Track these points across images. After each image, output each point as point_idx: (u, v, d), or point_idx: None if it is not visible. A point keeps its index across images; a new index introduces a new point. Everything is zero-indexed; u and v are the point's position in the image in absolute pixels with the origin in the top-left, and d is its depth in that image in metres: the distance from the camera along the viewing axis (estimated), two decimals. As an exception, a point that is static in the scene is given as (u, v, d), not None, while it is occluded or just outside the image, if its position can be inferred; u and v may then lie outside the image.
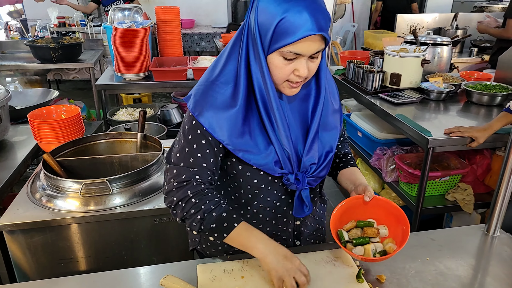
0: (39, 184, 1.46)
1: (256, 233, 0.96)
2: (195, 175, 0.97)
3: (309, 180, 1.02)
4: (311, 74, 0.93)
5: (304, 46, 0.86)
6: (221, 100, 0.94)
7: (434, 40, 2.57)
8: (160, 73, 2.84)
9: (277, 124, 0.94)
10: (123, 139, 1.76)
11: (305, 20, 0.83)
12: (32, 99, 2.48)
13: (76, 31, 4.17)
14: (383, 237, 0.98)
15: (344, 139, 1.24)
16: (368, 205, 0.99)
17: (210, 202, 0.96)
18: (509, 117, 1.73)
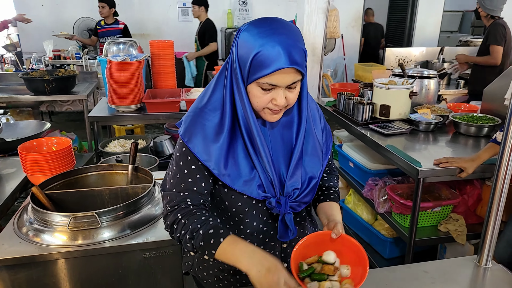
0: (26, 218, 1.43)
1: (241, 246, 0.96)
2: (186, 199, 1.01)
3: (293, 204, 1.05)
4: (290, 103, 0.98)
5: (279, 78, 0.92)
6: (209, 127, 1.00)
7: (421, 73, 2.65)
8: (153, 105, 2.86)
9: (258, 149, 0.99)
10: (114, 171, 1.75)
11: (278, 54, 0.89)
12: (23, 131, 2.48)
13: (71, 64, 4.23)
14: (344, 277, 0.96)
15: (331, 171, 1.25)
16: (335, 242, 0.99)
17: (197, 221, 0.98)
18: (496, 148, 1.77)
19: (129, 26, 6.33)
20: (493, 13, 3.53)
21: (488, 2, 3.50)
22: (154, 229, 1.43)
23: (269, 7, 6.80)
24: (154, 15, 6.41)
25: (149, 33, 6.44)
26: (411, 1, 7.00)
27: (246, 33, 0.93)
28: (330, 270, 0.95)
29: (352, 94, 2.77)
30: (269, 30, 0.91)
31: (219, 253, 0.95)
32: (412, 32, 7.10)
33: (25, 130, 2.45)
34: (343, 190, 3.02)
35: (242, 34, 0.94)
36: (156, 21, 6.45)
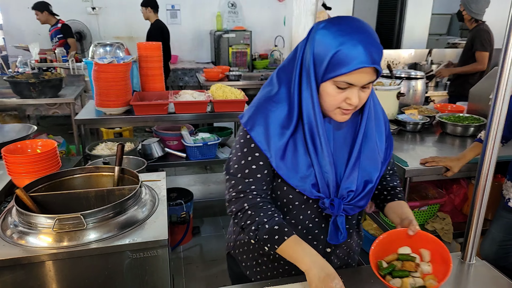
0: (10, 220, 1.41)
1: (305, 247, 0.99)
2: (251, 186, 1.06)
3: (346, 207, 1.04)
4: (361, 103, 0.99)
5: (357, 77, 0.92)
6: (273, 118, 1.02)
7: (408, 74, 2.68)
8: (141, 107, 2.84)
9: (322, 148, 1.00)
10: (100, 173, 1.73)
11: (359, 53, 0.89)
12: (8, 134, 2.43)
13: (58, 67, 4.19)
14: (426, 274, 0.95)
15: (393, 173, 1.26)
16: (412, 239, 0.98)
17: (264, 214, 1.03)
18: (481, 147, 1.79)
19: (117, 28, 6.32)
20: (478, 17, 3.59)
21: (474, 6, 3.55)
22: (141, 230, 1.42)
23: (259, 10, 6.83)
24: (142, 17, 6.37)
25: (137, 36, 6.40)
26: (400, 4, 7.09)
27: (325, 31, 0.93)
28: (411, 267, 0.94)
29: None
30: (349, 28, 0.91)
31: (282, 249, 0.99)
32: (401, 34, 7.18)
33: (10, 134, 2.41)
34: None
35: (320, 31, 0.94)
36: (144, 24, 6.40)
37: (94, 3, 6.04)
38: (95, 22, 6.11)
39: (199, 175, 3.94)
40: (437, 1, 6.89)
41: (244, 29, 6.42)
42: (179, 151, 3.09)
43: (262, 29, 6.85)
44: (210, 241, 3.05)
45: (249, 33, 6.28)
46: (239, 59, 6.14)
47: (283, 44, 7.04)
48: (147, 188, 1.68)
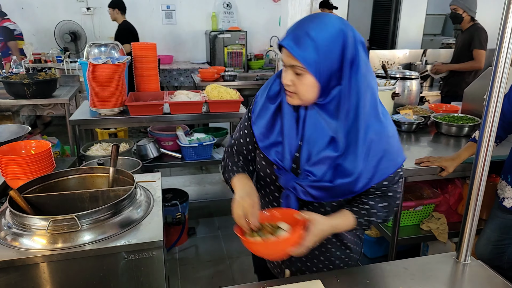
0: (4, 222, 1.39)
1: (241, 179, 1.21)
2: (233, 146, 1.35)
3: (298, 188, 1.10)
4: (296, 88, 1.04)
5: (283, 55, 1.03)
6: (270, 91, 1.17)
7: (403, 75, 2.70)
8: (136, 108, 2.83)
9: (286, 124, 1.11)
10: (94, 174, 1.72)
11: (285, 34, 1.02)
12: (2, 135, 2.41)
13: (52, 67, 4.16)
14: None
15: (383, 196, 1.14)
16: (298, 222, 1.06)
17: (231, 161, 1.30)
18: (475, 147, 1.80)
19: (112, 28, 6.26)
20: (475, 15, 3.61)
21: (474, 6, 3.57)
22: (136, 231, 1.41)
23: (254, 10, 6.83)
24: (137, 18, 6.35)
25: (133, 36, 6.39)
26: (394, 4, 7.12)
27: None
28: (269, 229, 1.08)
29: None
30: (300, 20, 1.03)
31: (232, 183, 1.23)
32: (396, 34, 7.21)
33: (4, 134, 2.39)
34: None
35: None
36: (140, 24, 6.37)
37: (89, 4, 6.02)
38: (90, 22, 6.08)
39: (195, 175, 3.93)
40: (432, 2, 6.92)
41: (239, 30, 6.42)
42: (175, 151, 3.08)
43: (257, 29, 6.85)
44: (206, 242, 3.04)
45: (245, 33, 6.28)
46: (235, 59, 6.14)
47: (278, 44, 7.07)
48: (142, 189, 1.67)
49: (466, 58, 3.63)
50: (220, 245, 2.97)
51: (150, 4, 6.37)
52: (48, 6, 5.84)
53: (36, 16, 5.84)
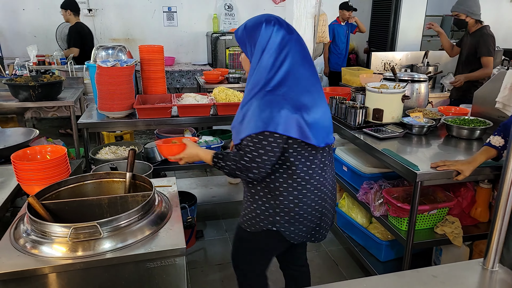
0: (22, 228, 1.38)
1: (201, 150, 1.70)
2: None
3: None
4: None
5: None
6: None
7: (411, 77, 2.69)
8: (144, 111, 2.82)
9: None
10: (110, 179, 1.70)
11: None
12: (10, 138, 2.39)
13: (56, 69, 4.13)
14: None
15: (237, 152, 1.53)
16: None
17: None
18: (490, 151, 1.80)
19: (114, 30, 6.26)
20: (480, 18, 3.59)
21: (476, 9, 3.55)
22: (156, 239, 1.40)
23: (255, 12, 6.79)
24: (139, 19, 6.33)
25: (134, 38, 6.37)
26: (394, 6, 7.13)
27: None
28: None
29: (344, 98, 2.79)
30: None
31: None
32: (396, 36, 7.23)
33: (12, 138, 2.37)
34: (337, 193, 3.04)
35: None
36: (141, 26, 6.37)
37: (91, 5, 5.98)
38: (91, 24, 6.04)
39: (200, 178, 3.91)
40: (429, 3, 6.93)
41: (241, 31, 6.39)
42: (182, 154, 3.06)
43: (258, 31, 6.83)
44: (214, 244, 3.03)
45: (246, 35, 6.26)
46: (236, 61, 6.13)
47: (279, 46, 7.06)
48: (160, 195, 1.65)
49: (474, 62, 3.61)
50: (229, 248, 2.96)
51: (151, 6, 6.35)
52: (49, 7, 5.80)
53: (37, 18, 5.79)
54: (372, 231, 2.45)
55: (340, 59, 6.12)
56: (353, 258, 2.79)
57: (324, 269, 2.69)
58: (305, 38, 3.95)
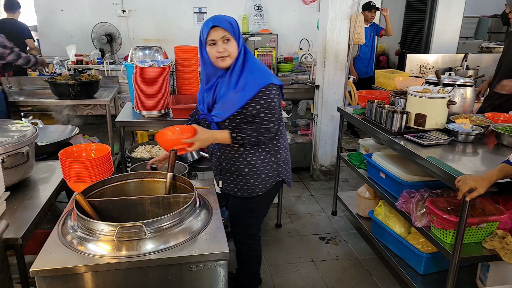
0: (70, 224, 1.39)
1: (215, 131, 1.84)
2: None
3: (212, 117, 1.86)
4: (230, 52, 1.73)
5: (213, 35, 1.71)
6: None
7: (456, 81, 2.58)
8: (179, 111, 2.83)
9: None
10: (151, 178, 1.70)
11: (206, 24, 1.73)
12: (52, 135, 2.45)
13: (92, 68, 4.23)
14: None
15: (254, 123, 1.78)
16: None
17: None
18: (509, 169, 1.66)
19: (146, 31, 6.36)
20: None
21: None
22: (198, 242, 1.37)
23: (284, 13, 6.79)
24: (170, 20, 6.42)
25: (165, 38, 6.46)
26: (429, 7, 6.92)
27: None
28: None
29: (382, 102, 2.71)
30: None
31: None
32: (430, 38, 7.01)
33: (54, 134, 2.43)
34: (371, 200, 2.95)
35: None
36: (172, 26, 6.45)
37: (124, 6, 6.10)
38: (125, 24, 6.18)
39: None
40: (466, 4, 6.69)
41: (270, 32, 6.39)
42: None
43: (287, 32, 6.81)
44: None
45: (275, 36, 6.24)
46: (265, 62, 6.11)
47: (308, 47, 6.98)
48: (200, 197, 1.64)
49: None
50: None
51: (182, 7, 6.42)
52: (86, 8, 5.97)
53: (74, 18, 5.96)
54: (411, 242, 2.35)
55: (364, 63, 5.57)
56: (388, 269, 2.70)
57: (358, 279, 2.62)
58: (340, 39, 3.88)
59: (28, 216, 1.53)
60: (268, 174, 1.91)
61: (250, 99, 1.74)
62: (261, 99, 1.75)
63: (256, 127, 1.78)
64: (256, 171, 1.89)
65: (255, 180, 1.90)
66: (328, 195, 3.79)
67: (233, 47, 1.73)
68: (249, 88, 1.74)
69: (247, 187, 1.92)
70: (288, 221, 3.33)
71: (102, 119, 5.65)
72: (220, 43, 1.70)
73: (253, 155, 1.87)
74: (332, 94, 3.98)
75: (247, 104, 1.76)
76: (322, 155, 4.13)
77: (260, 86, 1.73)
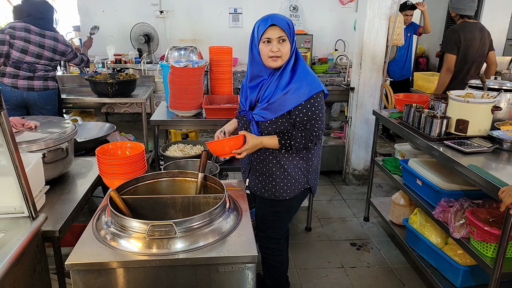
0: (104, 219, 1.43)
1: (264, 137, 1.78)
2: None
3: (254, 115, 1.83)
4: (283, 53, 1.70)
5: (270, 33, 1.68)
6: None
7: (502, 85, 2.44)
8: (212, 111, 2.85)
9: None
10: (183, 178, 1.72)
11: (265, 21, 1.69)
12: (90, 132, 2.54)
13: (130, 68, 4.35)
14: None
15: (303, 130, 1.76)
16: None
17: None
18: None
19: (182, 31, 6.48)
20: (462, 12, 3.34)
21: (455, 1, 3.32)
22: (227, 243, 1.37)
23: (321, 13, 6.70)
24: (205, 21, 6.49)
25: (200, 39, 6.54)
26: (474, 7, 6.60)
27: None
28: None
29: (421, 106, 2.60)
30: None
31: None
32: (474, 40, 6.68)
33: (92, 131, 2.52)
34: (406, 208, 2.85)
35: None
36: (207, 27, 6.53)
37: (162, 7, 6.24)
38: (162, 25, 6.31)
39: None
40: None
41: (305, 33, 6.31)
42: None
43: (322, 32, 6.72)
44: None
45: (310, 37, 6.17)
46: (299, 62, 6.04)
47: (344, 48, 6.85)
48: (230, 198, 1.64)
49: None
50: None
51: (218, 8, 6.48)
52: (126, 9, 6.15)
53: (115, 19, 6.17)
54: (448, 253, 2.24)
55: (399, 66, 5.14)
56: (422, 280, 2.59)
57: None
58: (378, 40, 3.77)
59: (65, 210, 1.59)
60: (297, 180, 1.89)
61: (300, 104, 1.71)
62: (313, 106, 1.72)
63: (306, 134, 1.76)
64: (287, 175, 1.86)
65: (284, 184, 1.88)
66: (361, 200, 3.70)
67: (287, 48, 1.69)
68: (301, 92, 1.71)
69: (275, 190, 1.89)
70: (318, 225, 3.27)
71: (138, 117, 5.81)
72: (275, 43, 1.67)
73: (287, 158, 1.84)
74: (368, 97, 3.88)
75: (295, 109, 1.73)
76: (356, 159, 4.04)
77: (312, 93, 1.71)
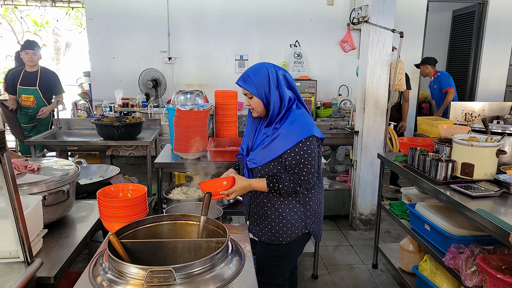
0: (101, 265, 1.38)
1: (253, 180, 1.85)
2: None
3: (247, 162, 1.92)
4: (254, 107, 1.85)
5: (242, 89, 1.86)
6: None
7: (505, 129, 2.44)
8: (217, 153, 2.86)
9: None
10: (185, 221, 1.68)
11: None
12: (94, 174, 2.54)
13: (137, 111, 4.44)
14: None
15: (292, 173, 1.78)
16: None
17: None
18: None
19: (189, 76, 6.68)
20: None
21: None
22: (230, 290, 1.32)
23: (324, 59, 6.90)
24: (212, 66, 6.70)
25: (207, 84, 6.72)
26: (473, 54, 6.80)
27: None
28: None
29: (426, 149, 2.59)
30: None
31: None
32: (475, 85, 6.81)
33: (96, 173, 2.52)
34: (415, 254, 2.75)
35: None
36: (214, 72, 6.72)
37: (171, 54, 6.48)
38: (170, 70, 6.52)
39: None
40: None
41: (309, 78, 6.48)
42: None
43: (326, 78, 6.89)
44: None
45: (314, 82, 6.32)
46: (304, 107, 6.14)
47: (347, 93, 6.98)
48: (232, 242, 1.59)
49: None
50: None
51: (225, 55, 6.71)
52: (135, 55, 6.39)
53: (124, 65, 6.39)
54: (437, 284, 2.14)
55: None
56: (435, 332, 2.44)
57: None
58: (379, 86, 3.85)
59: (62, 255, 1.55)
60: (294, 224, 1.88)
61: (289, 149, 1.77)
62: (301, 150, 1.76)
63: (294, 178, 1.78)
64: (283, 219, 1.86)
65: (280, 228, 1.87)
66: (368, 246, 3.59)
67: (254, 102, 1.83)
68: (290, 138, 1.77)
69: (271, 234, 1.90)
70: (325, 272, 3.15)
71: (144, 160, 5.83)
72: (246, 98, 1.86)
73: (282, 202, 1.86)
74: (372, 140, 3.89)
75: (284, 153, 1.78)
76: (362, 203, 3.97)
77: (301, 138, 1.76)
